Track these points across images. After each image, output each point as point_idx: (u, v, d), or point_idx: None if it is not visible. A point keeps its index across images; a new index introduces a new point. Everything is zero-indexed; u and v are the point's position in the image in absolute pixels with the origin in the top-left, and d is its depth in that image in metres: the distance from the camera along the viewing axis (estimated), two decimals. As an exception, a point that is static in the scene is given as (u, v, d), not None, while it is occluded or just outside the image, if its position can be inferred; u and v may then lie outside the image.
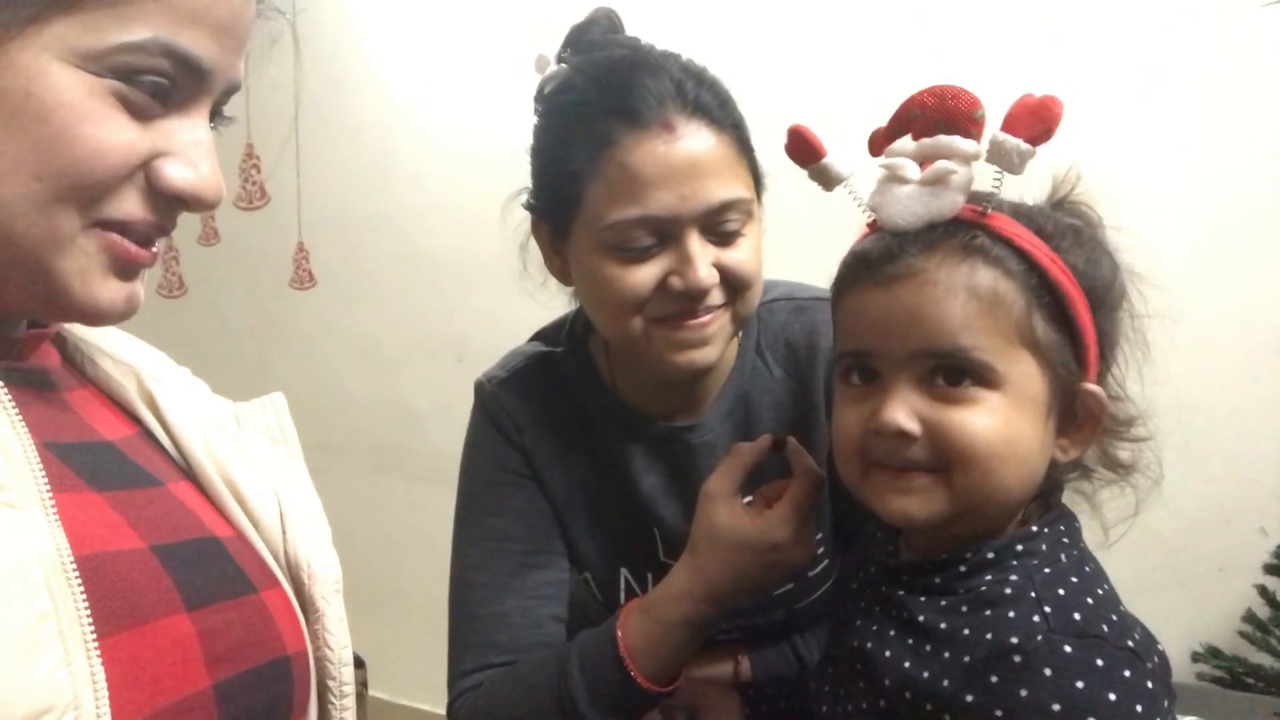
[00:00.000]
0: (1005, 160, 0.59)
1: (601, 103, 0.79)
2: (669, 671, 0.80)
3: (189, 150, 0.50)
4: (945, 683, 0.58)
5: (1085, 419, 0.62)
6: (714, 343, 0.81)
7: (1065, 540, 0.63)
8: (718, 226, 0.78)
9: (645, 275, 0.78)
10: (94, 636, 0.43)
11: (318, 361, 2.50)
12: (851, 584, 0.74)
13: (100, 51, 0.45)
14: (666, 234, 0.77)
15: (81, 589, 0.44)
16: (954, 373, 0.60)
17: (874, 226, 0.65)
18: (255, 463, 0.63)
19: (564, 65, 0.85)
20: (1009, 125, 0.59)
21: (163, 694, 0.46)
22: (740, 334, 0.92)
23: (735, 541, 0.78)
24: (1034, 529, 0.63)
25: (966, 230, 0.61)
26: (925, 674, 0.59)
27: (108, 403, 0.60)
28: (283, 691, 0.56)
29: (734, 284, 0.80)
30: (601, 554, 0.94)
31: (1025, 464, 0.61)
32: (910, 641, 0.61)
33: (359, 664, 0.73)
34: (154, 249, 0.52)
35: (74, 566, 0.44)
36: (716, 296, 0.80)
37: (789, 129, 0.68)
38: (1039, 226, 0.62)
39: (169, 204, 0.50)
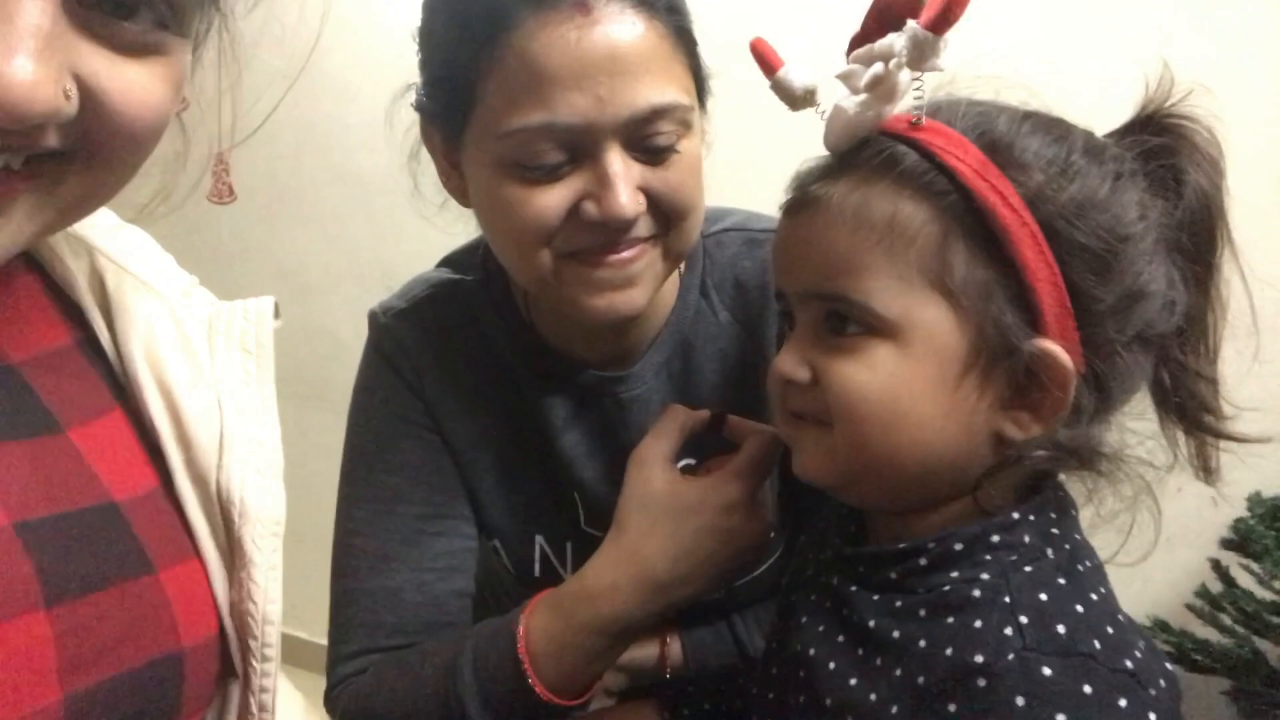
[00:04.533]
0: (915, 54, 0.49)
1: None
2: (579, 681, 0.67)
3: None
4: (894, 709, 0.47)
5: (1039, 387, 0.49)
6: (641, 284, 0.67)
7: (1055, 531, 0.52)
8: (645, 140, 0.63)
9: (553, 200, 0.63)
10: None
11: (237, 283, 2.33)
12: (806, 570, 0.63)
13: None
14: (580, 148, 0.62)
15: None
16: (838, 318, 0.51)
17: None
18: (209, 376, 0.56)
19: None
20: (919, 11, 0.49)
21: None
22: (682, 270, 0.80)
23: (678, 508, 0.66)
24: (1015, 516, 0.51)
25: (885, 146, 0.50)
26: (872, 696, 0.48)
27: (47, 297, 0.52)
28: (165, 695, 0.48)
29: (666, 212, 0.66)
30: (513, 519, 0.82)
31: (922, 430, 0.50)
32: (859, 652, 0.51)
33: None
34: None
35: None
36: (644, 227, 0.65)
37: (750, 43, 0.57)
38: (998, 143, 0.50)
39: None
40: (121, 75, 0.41)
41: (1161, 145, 0.53)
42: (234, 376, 0.57)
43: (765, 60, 0.57)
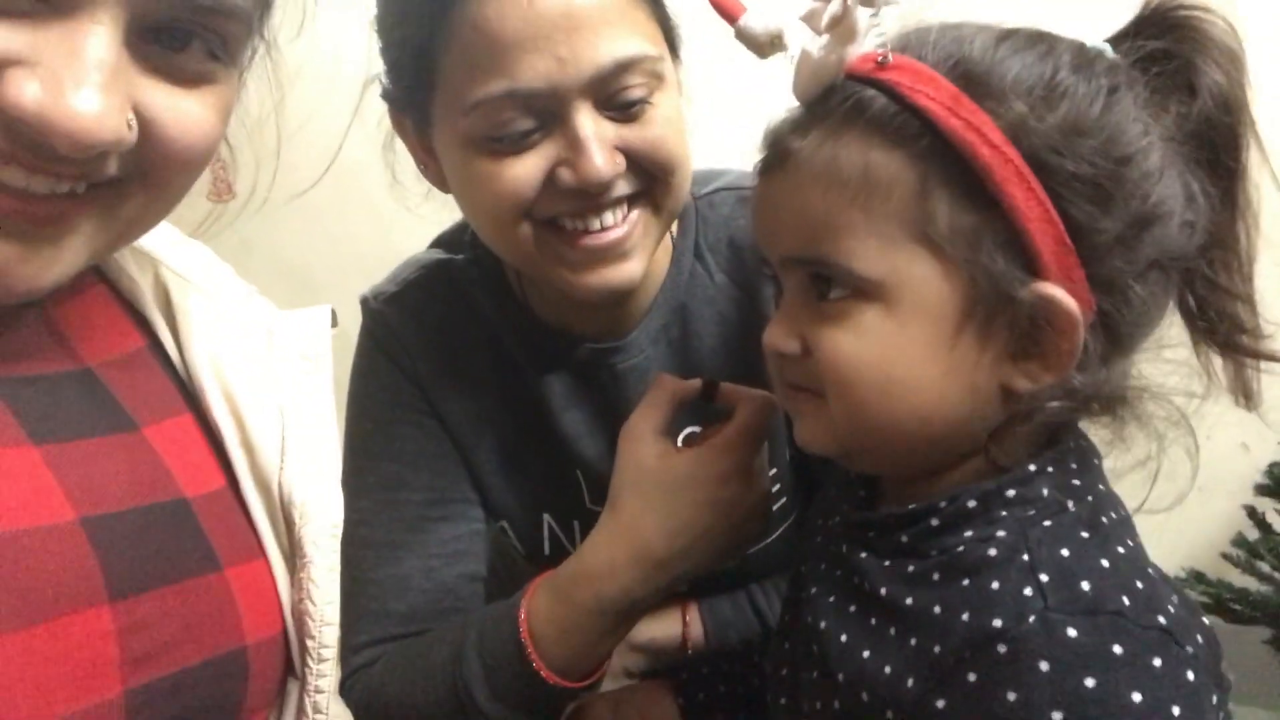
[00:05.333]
0: None
1: None
2: (586, 663, 0.65)
3: (58, 62, 0.39)
4: (909, 682, 0.44)
5: (1045, 333, 0.45)
6: (634, 255, 0.65)
7: (1076, 483, 0.48)
8: (615, 96, 0.61)
9: (526, 169, 0.61)
10: None
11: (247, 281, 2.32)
12: (815, 536, 0.60)
13: None
14: (548, 112, 0.60)
15: None
16: (822, 281, 0.48)
17: None
18: (271, 382, 0.58)
19: None
20: None
21: (57, 704, 0.40)
22: (674, 234, 0.77)
23: (670, 482, 0.63)
24: (1031, 469, 0.47)
25: (851, 91, 0.46)
26: (886, 669, 0.45)
27: (117, 306, 0.55)
28: (228, 691, 0.49)
29: (648, 168, 0.63)
30: (519, 500, 0.80)
31: (921, 393, 0.47)
32: (872, 622, 0.48)
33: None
34: (36, 202, 0.41)
35: None
36: (624, 186, 0.63)
37: None
38: (973, 72, 0.45)
39: (29, 132, 0.40)
40: (176, 106, 0.44)
41: (1168, 46, 0.48)
42: (294, 383, 0.59)
43: (725, 10, 0.53)
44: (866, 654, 0.47)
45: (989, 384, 0.47)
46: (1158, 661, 0.41)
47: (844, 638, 0.49)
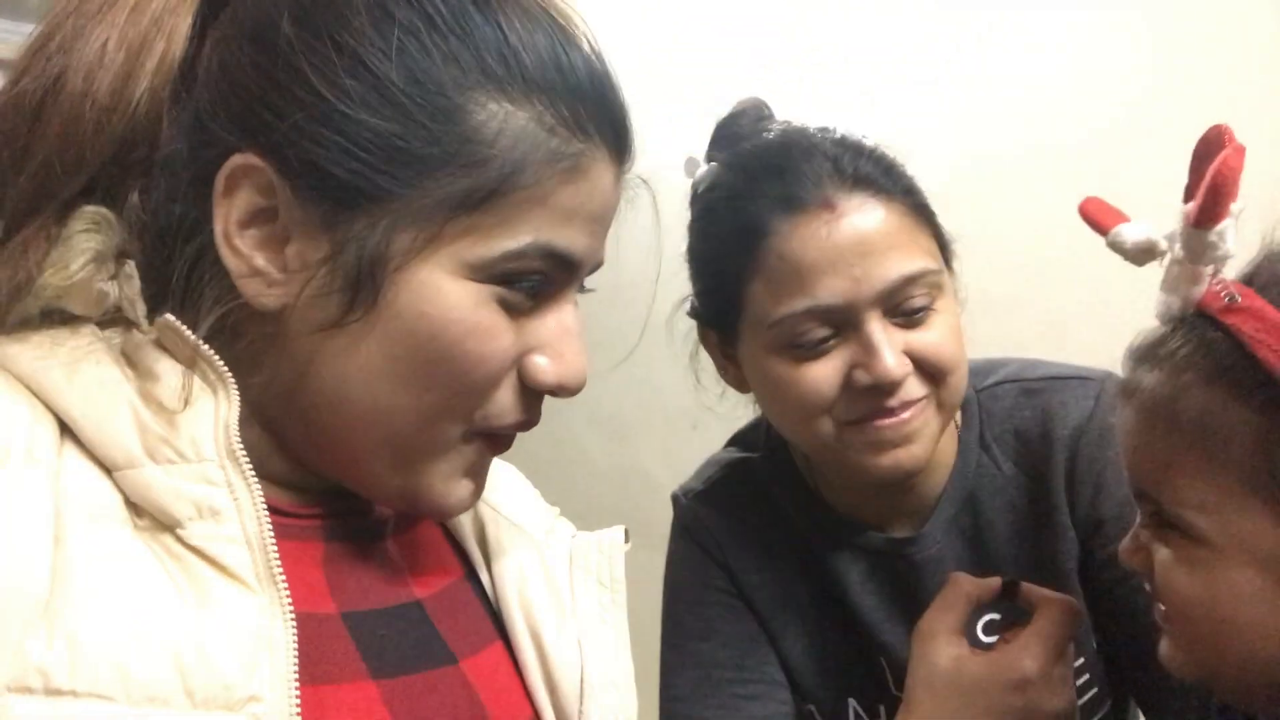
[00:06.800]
0: (1190, 251, 0.46)
1: (753, 192, 0.72)
2: None
3: (557, 341, 0.48)
4: None
5: None
6: (919, 440, 0.71)
7: None
8: (901, 305, 0.69)
9: (826, 371, 0.70)
10: None
11: (563, 431, 2.58)
12: None
13: (487, 261, 0.45)
14: (842, 323, 0.69)
15: None
16: (1159, 515, 0.49)
17: None
18: (571, 614, 0.58)
19: (713, 163, 0.79)
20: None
21: None
22: (960, 427, 0.81)
23: (965, 685, 0.65)
24: None
25: (1197, 330, 0.47)
26: None
27: (441, 537, 0.59)
28: None
29: (931, 370, 0.70)
30: (824, 682, 0.85)
31: (1255, 639, 0.46)
32: None
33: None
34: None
35: None
36: (914, 388, 0.70)
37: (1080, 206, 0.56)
38: None
39: (537, 396, 0.49)
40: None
41: None
42: (591, 613, 0.59)
43: (1096, 222, 0.55)
44: None
45: None
46: None
47: None
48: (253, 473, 0.41)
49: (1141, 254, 0.51)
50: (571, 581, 0.60)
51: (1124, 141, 1.53)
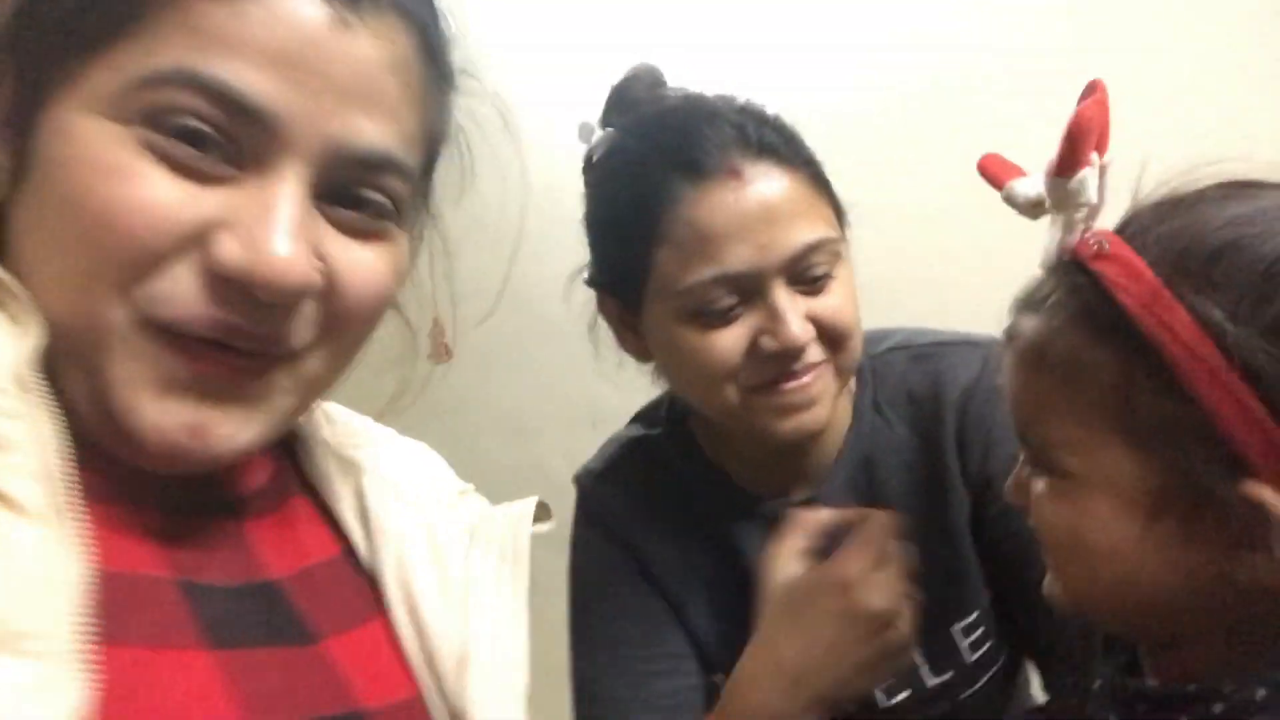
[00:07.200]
0: (1054, 200, 0.49)
1: (658, 159, 0.72)
2: None
3: (251, 220, 0.41)
4: None
5: (1248, 531, 0.44)
6: (821, 401, 0.73)
7: None
8: (804, 273, 0.71)
9: (732, 339, 0.71)
10: None
11: (462, 430, 2.54)
12: (1070, 698, 0.61)
13: (122, 90, 0.39)
14: (749, 290, 0.70)
15: None
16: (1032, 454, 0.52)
17: None
18: (460, 586, 0.55)
19: (609, 129, 0.79)
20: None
21: None
22: (854, 391, 0.83)
23: (798, 597, 0.70)
24: None
25: (1069, 276, 0.49)
26: None
27: (317, 516, 0.55)
28: None
29: (831, 335, 0.72)
30: (730, 652, 0.85)
31: (1118, 566, 0.48)
32: None
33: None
34: (236, 358, 0.42)
35: None
36: (815, 352, 0.72)
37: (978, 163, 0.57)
38: (1189, 266, 0.45)
39: (240, 292, 0.41)
40: (354, 256, 0.45)
41: None
42: (487, 586, 0.56)
43: (992, 176, 0.56)
44: None
45: (1206, 571, 0.46)
46: None
47: None
48: (55, 405, 0.38)
49: (1032, 208, 0.53)
50: (467, 556, 0.57)
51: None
